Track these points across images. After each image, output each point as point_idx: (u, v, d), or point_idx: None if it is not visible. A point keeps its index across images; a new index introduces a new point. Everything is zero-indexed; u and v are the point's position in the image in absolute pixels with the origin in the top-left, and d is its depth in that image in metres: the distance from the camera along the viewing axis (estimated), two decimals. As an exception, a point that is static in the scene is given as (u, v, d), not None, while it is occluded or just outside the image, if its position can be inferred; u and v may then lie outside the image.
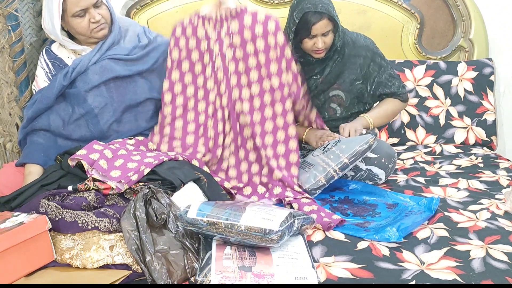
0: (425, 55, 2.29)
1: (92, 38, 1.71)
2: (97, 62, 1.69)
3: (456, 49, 2.29)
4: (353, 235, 1.37)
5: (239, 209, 1.25)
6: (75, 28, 1.67)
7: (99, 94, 1.69)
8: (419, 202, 1.53)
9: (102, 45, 1.71)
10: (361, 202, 1.59)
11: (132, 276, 1.21)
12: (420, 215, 1.44)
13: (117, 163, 1.48)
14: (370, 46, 1.86)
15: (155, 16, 2.23)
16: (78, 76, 1.68)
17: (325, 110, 1.87)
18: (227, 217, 1.22)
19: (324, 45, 1.73)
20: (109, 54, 1.71)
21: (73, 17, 1.65)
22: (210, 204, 1.30)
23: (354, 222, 1.45)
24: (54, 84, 1.67)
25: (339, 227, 1.41)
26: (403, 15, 2.25)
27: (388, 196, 1.60)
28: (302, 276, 1.15)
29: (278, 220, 1.20)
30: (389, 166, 1.67)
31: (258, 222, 1.20)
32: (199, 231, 1.25)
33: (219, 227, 1.22)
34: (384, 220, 1.45)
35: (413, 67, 2.20)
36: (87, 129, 1.68)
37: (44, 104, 1.66)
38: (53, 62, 1.74)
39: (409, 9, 2.23)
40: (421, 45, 2.29)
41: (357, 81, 1.85)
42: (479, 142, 2.13)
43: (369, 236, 1.35)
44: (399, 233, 1.32)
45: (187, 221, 1.25)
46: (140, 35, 1.81)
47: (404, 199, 1.57)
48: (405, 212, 1.48)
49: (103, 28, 1.70)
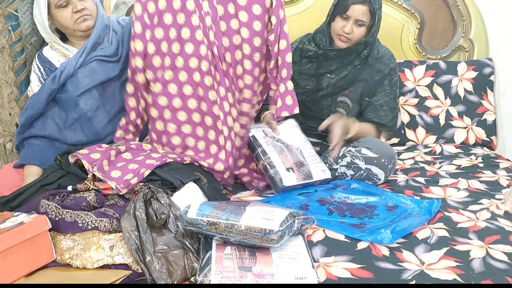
0: (425, 55, 2.29)
1: (76, 31, 1.69)
2: (84, 64, 1.68)
3: (456, 49, 2.29)
4: (348, 235, 1.36)
5: (239, 209, 1.25)
6: (59, 20, 1.67)
7: (90, 97, 1.68)
8: (420, 204, 1.51)
9: (86, 45, 1.69)
10: (361, 204, 1.58)
11: (132, 276, 1.21)
12: (419, 218, 1.43)
13: (119, 164, 1.48)
14: (392, 64, 1.84)
15: (155, 16, 2.22)
16: (68, 80, 1.67)
17: (330, 112, 1.85)
18: (227, 217, 1.21)
19: (352, 34, 1.70)
20: (96, 55, 1.69)
21: (57, 8, 1.65)
22: (210, 204, 1.29)
23: (350, 223, 1.45)
24: (43, 88, 1.66)
25: (334, 227, 1.40)
26: (403, 15, 2.26)
27: (389, 198, 1.59)
28: (302, 276, 1.15)
29: (278, 220, 1.20)
30: (389, 167, 1.67)
31: (258, 222, 1.20)
32: (199, 231, 1.25)
33: (219, 227, 1.22)
34: (381, 222, 1.44)
35: (413, 67, 2.20)
36: (83, 133, 1.68)
37: (35, 110, 1.65)
38: (44, 66, 1.73)
39: (409, 9, 2.23)
40: (421, 45, 2.29)
41: (367, 96, 1.84)
42: (479, 142, 2.14)
43: (363, 237, 1.34)
44: (393, 235, 1.31)
45: (187, 221, 1.25)
46: (115, 28, 1.75)
47: (405, 201, 1.56)
48: (404, 214, 1.47)
49: (86, 19, 1.68)
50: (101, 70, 1.69)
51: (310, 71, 1.84)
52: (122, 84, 1.71)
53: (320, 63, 1.80)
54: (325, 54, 1.79)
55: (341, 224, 1.43)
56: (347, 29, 1.69)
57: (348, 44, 1.74)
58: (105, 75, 1.69)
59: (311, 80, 1.84)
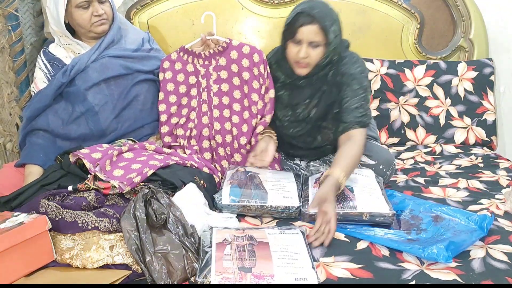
0: (425, 55, 2.29)
1: (91, 32, 1.72)
2: (96, 60, 1.70)
3: (456, 49, 2.29)
4: (395, 248, 1.27)
5: (259, 186, 1.54)
6: (76, 19, 1.69)
7: (99, 92, 1.70)
8: (469, 217, 1.37)
9: (101, 43, 1.72)
10: (404, 214, 1.44)
11: (132, 276, 1.21)
12: (471, 234, 1.29)
13: (121, 163, 1.49)
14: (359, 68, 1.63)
15: (155, 16, 2.23)
16: (78, 75, 1.68)
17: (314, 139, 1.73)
18: (255, 200, 1.48)
19: (309, 58, 1.55)
20: (109, 53, 1.72)
21: (77, 7, 1.67)
22: (236, 187, 1.53)
23: (396, 240, 1.32)
24: (52, 82, 1.68)
25: (381, 241, 1.32)
26: (403, 15, 2.25)
27: (433, 207, 1.45)
28: (302, 277, 1.15)
29: (296, 196, 1.51)
30: (387, 173, 1.66)
31: (281, 201, 1.49)
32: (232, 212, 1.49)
33: (250, 208, 1.48)
34: (430, 237, 1.31)
35: (413, 67, 2.20)
36: (87, 127, 1.69)
37: (42, 102, 1.66)
38: (52, 62, 1.74)
39: (409, 9, 2.23)
40: (421, 45, 2.29)
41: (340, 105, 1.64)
42: (479, 142, 2.14)
43: (414, 250, 1.24)
44: (448, 253, 1.19)
45: (222, 206, 1.48)
46: (144, 40, 1.85)
47: (452, 214, 1.39)
48: (453, 230, 1.32)
49: (104, 23, 1.72)
50: (112, 66, 1.71)
51: (284, 100, 1.71)
52: (131, 82, 1.74)
53: (292, 91, 1.68)
54: (295, 84, 1.67)
55: (386, 239, 1.32)
56: (301, 54, 1.54)
57: (309, 69, 1.59)
58: (115, 71, 1.71)
59: (286, 110, 1.71)
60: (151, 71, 1.81)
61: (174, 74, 1.79)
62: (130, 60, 1.76)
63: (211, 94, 1.78)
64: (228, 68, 1.75)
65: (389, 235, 1.35)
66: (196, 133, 1.79)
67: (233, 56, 1.73)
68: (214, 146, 1.79)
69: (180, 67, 1.79)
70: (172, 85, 1.79)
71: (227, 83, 1.76)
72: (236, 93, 1.76)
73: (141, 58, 1.79)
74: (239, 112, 1.76)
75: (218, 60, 1.75)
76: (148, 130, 1.81)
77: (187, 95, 1.80)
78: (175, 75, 1.79)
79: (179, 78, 1.79)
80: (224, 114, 1.78)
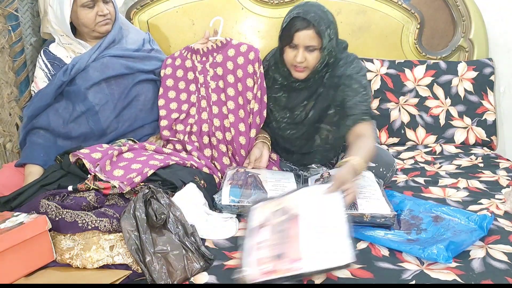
0: (425, 55, 2.29)
1: (95, 31, 1.73)
2: (96, 60, 1.71)
3: (456, 49, 2.29)
4: (395, 249, 1.28)
5: (259, 186, 1.54)
6: (81, 18, 1.69)
7: (99, 91, 1.70)
8: (469, 217, 1.36)
9: (102, 42, 1.73)
10: (404, 214, 1.44)
11: (132, 276, 1.21)
12: (471, 234, 1.29)
13: (121, 163, 1.49)
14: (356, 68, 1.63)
15: (155, 16, 2.23)
16: (78, 74, 1.69)
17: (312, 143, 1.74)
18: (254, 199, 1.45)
19: (306, 62, 1.56)
20: (109, 52, 1.73)
21: (82, 7, 1.67)
22: (236, 187, 1.53)
23: (396, 240, 1.32)
24: (53, 81, 1.68)
25: (381, 241, 1.31)
26: (403, 15, 2.25)
27: (433, 207, 1.45)
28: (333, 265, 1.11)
29: None
30: (387, 175, 1.66)
31: None
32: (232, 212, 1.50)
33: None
34: (430, 237, 1.31)
35: (413, 67, 2.20)
36: (87, 126, 1.69)
37: (43, 101, 1.66)
38: (52, 62, 1.74)
39: (409, 9, 2.23)
40: (421, 45, 2.29)
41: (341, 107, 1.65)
42: (479, 142, 2.14)
43: (414, 251, 1.24)
44: (448, 254, 1.19)
45: (222, 207, 1.49)
46: (145, 40, 1.86)
47: (452, 214, 1.39)
48: (453, 230, 1.32)
49: (108, 23, 1.73)
50: (113, 66, 1.71)
51: (282, 102, 1.72)
52: (132, 81, 1.75)
53: (290, 93, 1.69)
54: (292, 86, 1.68)
55: (386, 239, 1.32)
56: (298, 59, 1.55)
57: (307, 73, 1.60)
58: (116, 71, 1.72)
59: (284, 112, 1.73)
60: (152, 71, 1.82)
61: (173, 70, 1.81)
62: (131, 60, 1.76)
63: (210, 91, 1.79)
64: (224, 65, 1.76)
65: (389, 235, 1.34)
66: (197, 130, 1.78)
67: (230, 54, 1.75)
68: (214, 144, 1.79)
69: (179, 62, 1.81)
70: (172, 81, 1.81)
71: (223, 80, 1.77)
72: (230, 91, 1.76)
73: (142, 58, 1.79)
74: (233, 110, 1.76)
75: (215, 57, 1.76)
76: (148, 130, 1.81)
77: (186, 90, 1.81)
78: (175, 70, 1.81)
79: (178, 74, 1.81)
80: (223, 111, 1.78)
